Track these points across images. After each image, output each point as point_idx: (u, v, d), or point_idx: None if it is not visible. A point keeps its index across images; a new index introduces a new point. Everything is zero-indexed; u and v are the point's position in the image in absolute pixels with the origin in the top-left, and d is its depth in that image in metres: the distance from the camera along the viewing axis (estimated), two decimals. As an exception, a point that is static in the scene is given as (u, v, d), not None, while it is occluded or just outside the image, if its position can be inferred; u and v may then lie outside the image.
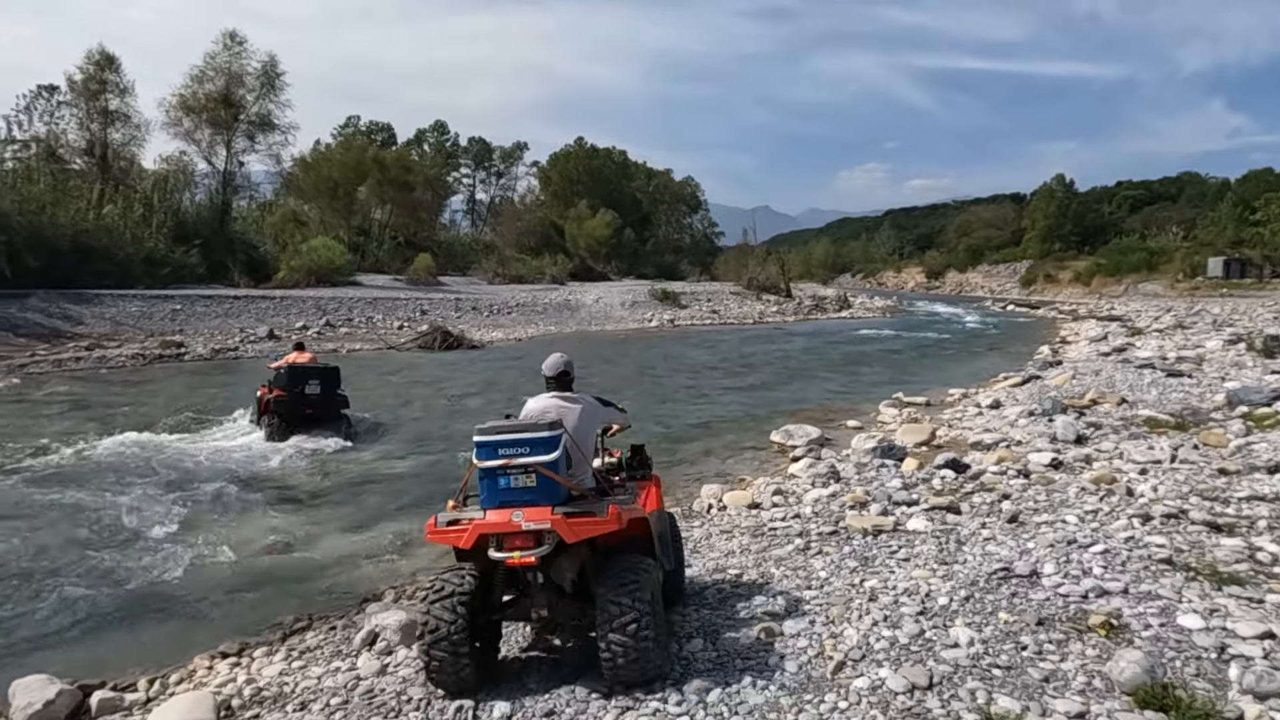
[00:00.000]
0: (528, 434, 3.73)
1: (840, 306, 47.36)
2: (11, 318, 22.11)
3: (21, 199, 27.21)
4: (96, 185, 31.86)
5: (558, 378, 4.40)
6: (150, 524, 7.09)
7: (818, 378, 17.67)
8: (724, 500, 7.18)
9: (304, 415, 10.90)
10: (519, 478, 3.69)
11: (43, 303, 23.33)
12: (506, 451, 3.69)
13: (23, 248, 24.45)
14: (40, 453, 9.91)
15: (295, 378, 10.95)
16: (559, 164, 74.90)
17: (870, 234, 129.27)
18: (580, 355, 21.25)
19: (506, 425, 3.85)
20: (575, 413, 4.20)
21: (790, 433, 10.22)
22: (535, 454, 3.68)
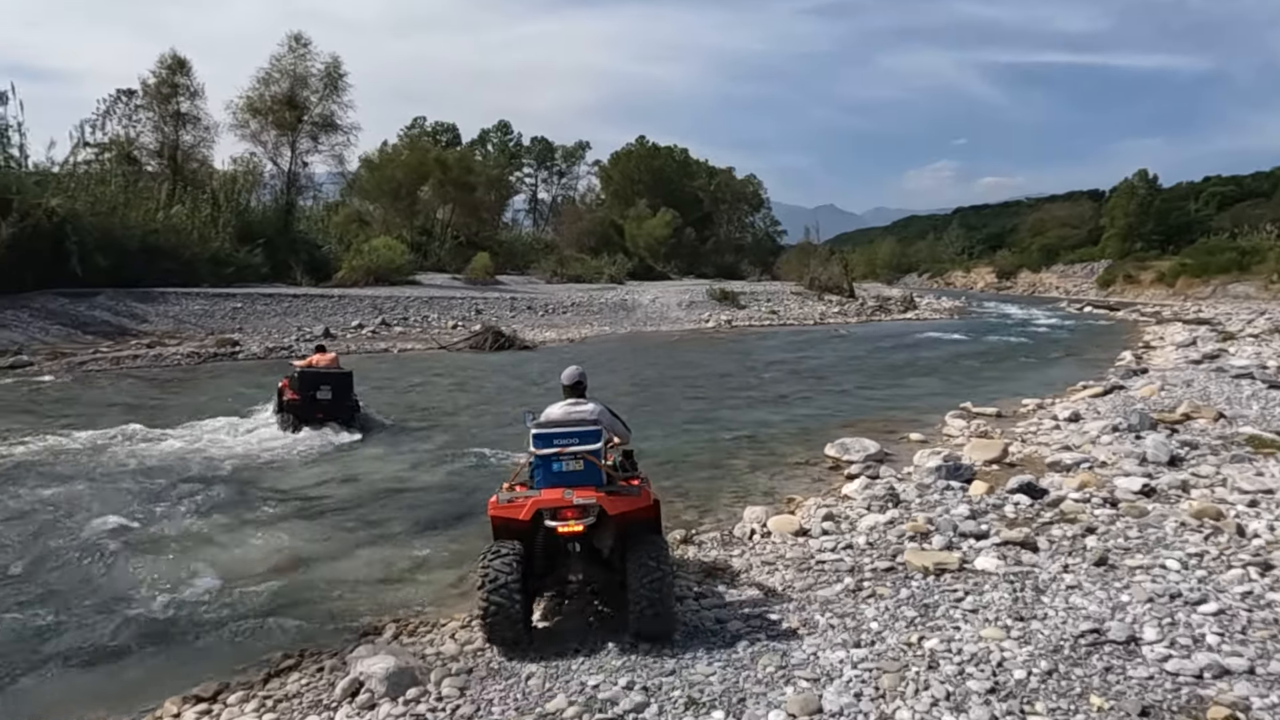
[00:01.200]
0: (577, 426, 4.59)
1: (905, 307, 45.78)
2: (81, 315, 22.68)
3: (94, 200, 27.96)
4: (165, 186, 32.59)
5: (573, 386, 5.16)
6: (140, 533, 6.77)
7: (879, 384, 16.74)
8: (768, 525, 6.52)
9: (315, 418, 11.03)
10: (569, 463, 4.48)
11: (110, 301, 23.88)
12: (560, 441, 4.50)
13: (94, 248, 25.05)
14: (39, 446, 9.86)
15: (307, 383, 11.04)
16: (620, 163, 74.81)
17: (938, 233, 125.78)
18: (630, 357, 20.82)
19: (560, 420, 4.74)
20: (594, 414, 4.87)
21: (846, 447, 9.47)
22: (584, 443, 4.50)
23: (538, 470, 4.56)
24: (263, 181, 40.00)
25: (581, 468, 4.47)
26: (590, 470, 4.47)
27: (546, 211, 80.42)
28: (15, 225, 22.57)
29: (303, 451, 10.27)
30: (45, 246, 23.68)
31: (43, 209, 23.77)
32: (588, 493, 4.36)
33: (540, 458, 4.51)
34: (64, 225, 24.32)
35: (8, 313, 21.30)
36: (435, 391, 15.37)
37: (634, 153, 74.99)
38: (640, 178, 71.56)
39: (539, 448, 4.50)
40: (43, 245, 23.60)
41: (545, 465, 4.50)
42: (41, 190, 25.62)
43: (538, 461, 4.54)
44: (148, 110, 36.96)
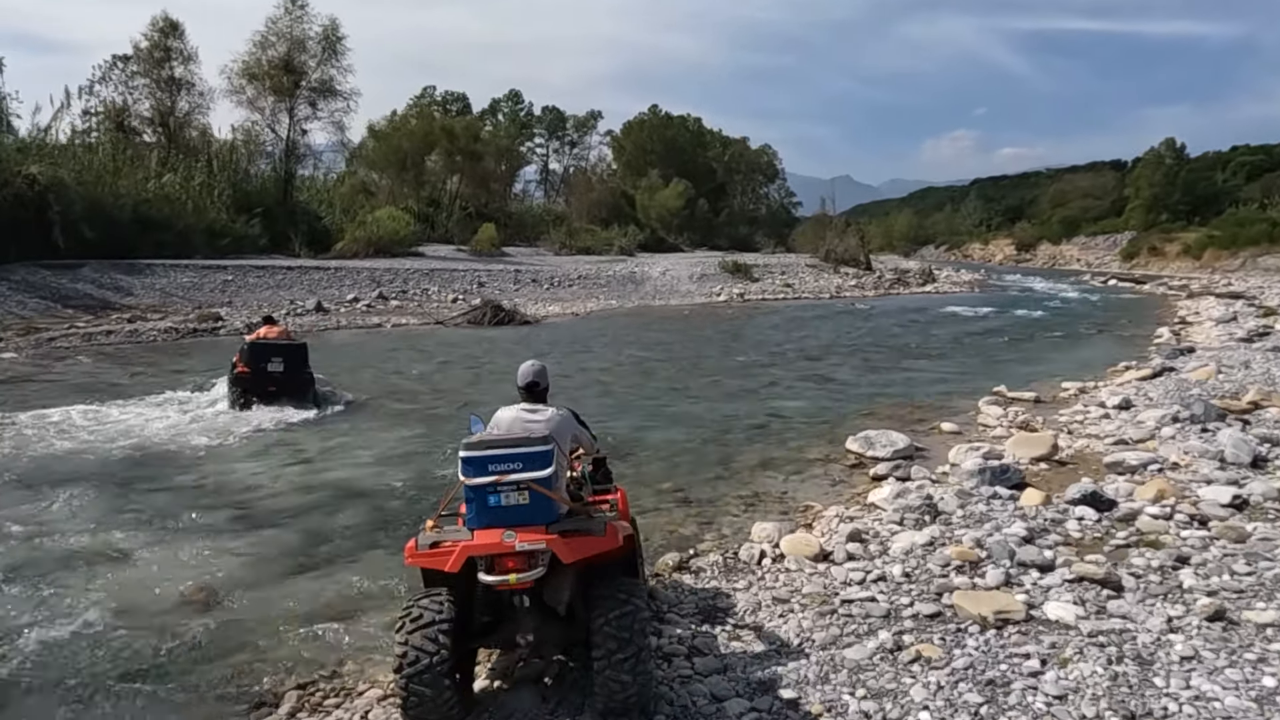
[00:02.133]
0: (521, 448, 3.44)
1: (924, 280, 44.35)
2: (62, 289, 21.71)
3: (81, 168, 26.89)
4: (154, 154, 31.49)
5: (528, 388, 4.08)
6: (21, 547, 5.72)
7: (902, 363, 15.52)
8: (781, 546, 5.38)
9: (267, 392, 10.48)
10: (510, 495, 3.40)
11: (94, 273, 22.89)
12: (497, 467, 3.39)
13: (80, 218, 24.02)
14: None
15: (257, 354, 10.49)
16: (632, 133, 73.40)
17: (956, 205, 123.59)
18: (634, 333, 19.57)
19: (497, 439, 3.56)
20: (550, 424, 3.84)
21: (870, 440, 8.30)
22: (529, 469, 3.40)
23: (471, 504, 3.45)
24: (262, 150, 38.78)
25: (526, 500, 3.38)
26: (539, 503, 3.40)
27: (558, 182, 79.09)
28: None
29: (247, 436, 9.31)
30: (28, 217, 22.69)
31: (22, 177, 22.73)
32: (534, 534, 3.34)
33: (472, 488, 3.41)
34: (46, 194, 23.30)
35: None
36: (419, 371, 14.26)
37: (646, 122, 73.65)
38: (653, 148, 70.25)
39: (470, 475, 3.39)
40: (25, 215, 22.61)
41: (480, 497, 3.41)
42: (23, 158, 24.59)
43: (470, 493, 3.43)
44: (143, 76, 35.79)
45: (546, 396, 4.10)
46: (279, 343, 10.89)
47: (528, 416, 3.89)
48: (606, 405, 11.26)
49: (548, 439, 3.52)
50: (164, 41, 34.17)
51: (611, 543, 3.46)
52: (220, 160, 34.17)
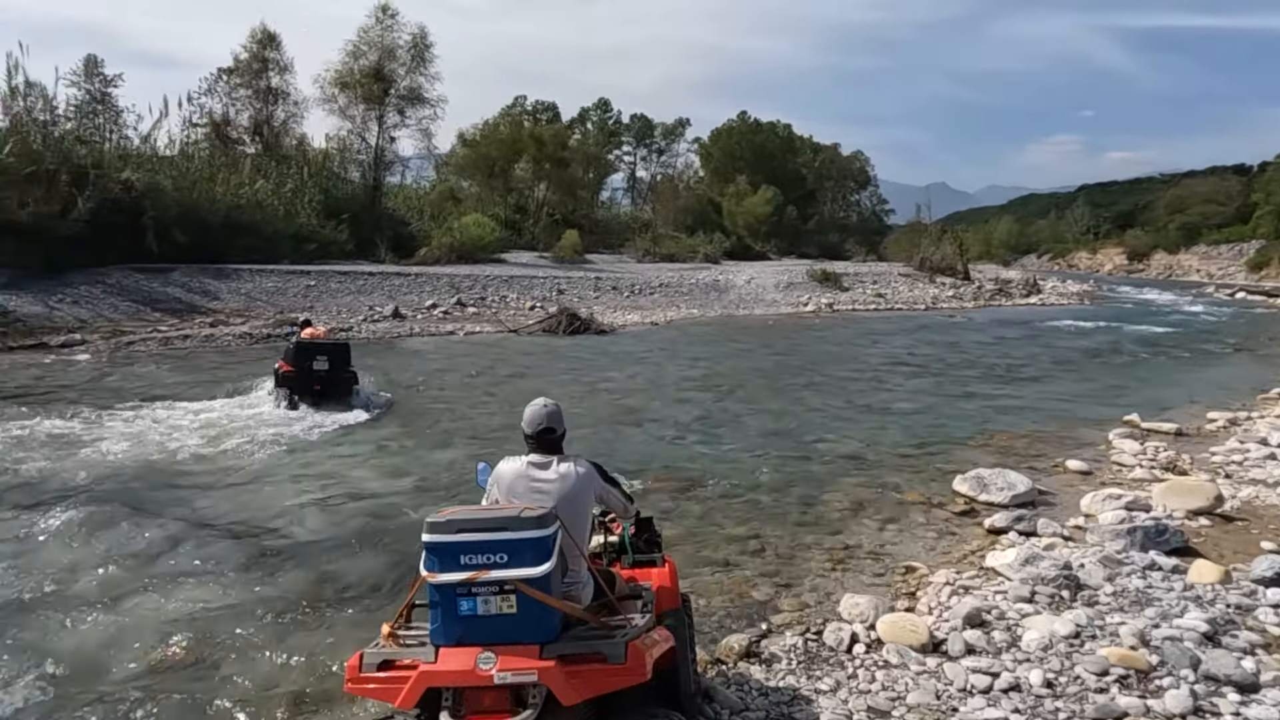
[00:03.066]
0: (506, 533, 2.43)
1: (1028, 291, 41.67)
2: (153, 292, 22.10)
3: (177, 174, 27.64)
4: (248, 161, 32.23)
5: (538, 436, 3.05)
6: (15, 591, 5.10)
7: (1010, 384, 13.95)
8: (878, 629, 4.27)
9: (312, 390, 10.57)
10: (490, 600, 2.42)
11: (184, 277, 23.27)
12: (473, 559, 2.41)
13: (173, 224, 24.57)
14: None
15: (302, 353, 10.67)
16: (720, 139, 72.69)
17: (1060, 211, 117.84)
18: (715, 344, 18.43)
19: (474, 517, 2.50)
20: (566, 485, 2.91)
21: (983, 481, 7.03)
22: (517, 562, 2.41)
23: (436, 609, 2.49)
24: (353, 157, 39.45)
25: (514, 609, 2.42)
26: (531, 613, 2.44)
27: (644, 189, 78.83)
28: (93, 199, 22.16)
29: (280, 447, 8.78)
30: (124, 222, 23.29)
31: (119, 183, 23.36)
32: (523, 660, 2.38)
33: (438, 587, 2.46)
34: (143, 200, 23.92)
35: (81, 288, 20.84)
36: (477, 381, 13.56)
37: (735, 129, 72.86)
38: (741, 154, 69.31)
39: (433, 568, 2.45)
40: (121, 220, 23.22)
41: (448, 601, 2.45)
42: (123, 165, 25.34)
43: (434, 594, 2.48)
44: (244, 87, 36.87)
45: (562, 445, 3.12)
46: (324, 342, 11.17)
47: (537, 474, 2.94)
48: (677, 425, 10.26)
49: (546, 519, 2.50)
50: (262, 52, 35.12)
51: (635, 675, 2.47)
52: (312, 167, 34.79)
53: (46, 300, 19.52)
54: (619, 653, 2.44)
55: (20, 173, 21.92)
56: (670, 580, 3.37)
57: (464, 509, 2.59)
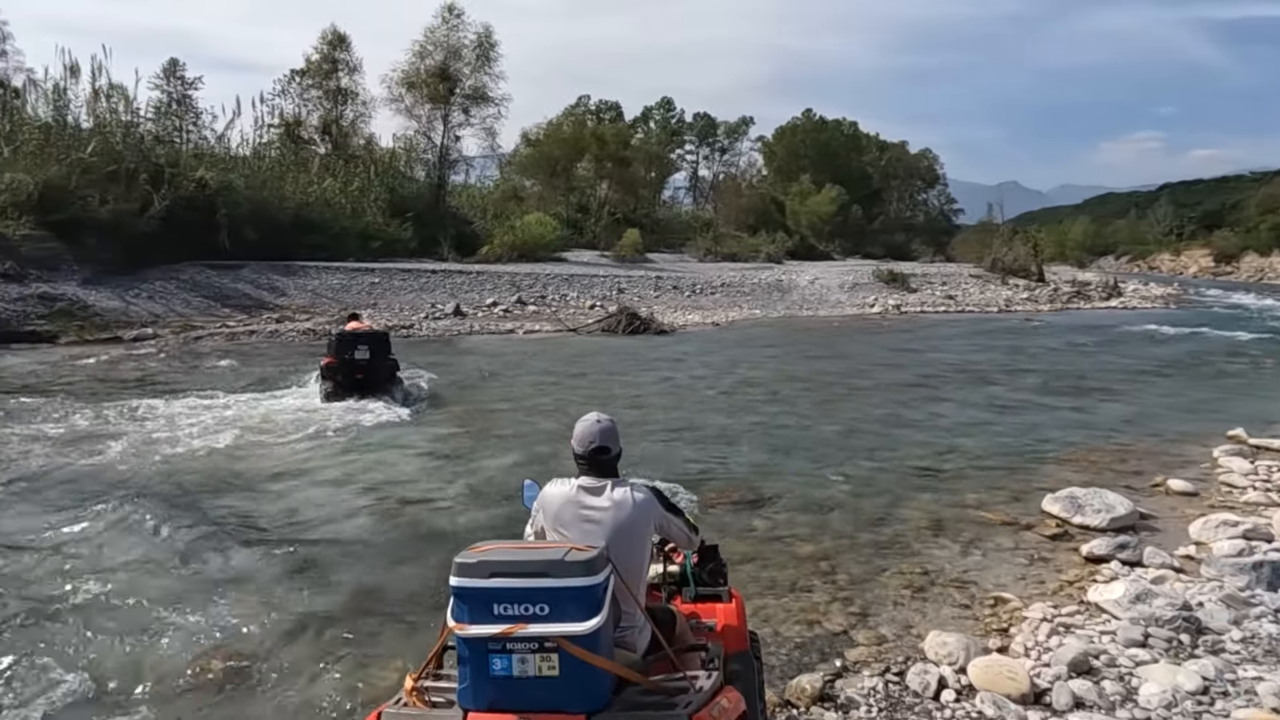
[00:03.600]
0: (548, 579, 2.01)
1: (1108, 294, 39.82)
2: (224, 288, 22.62)
3: (250, 173, 28.29)
4: (316, 160, 32.84)
5: (591, 456, 2.64)
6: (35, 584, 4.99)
7: (1095, 393, 13.10)
8: (970, 674, 3.80)
9: (354, 380, 10.90)
10: (529, 659, 2.00)
11: (253, 274, 23.77)
12: (509, 609, 2.00)
13: (244, 222, 25.12)
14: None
15: (344, 343, 11.02)
16: (785, 138, 71.87)
17: (1140, 211, 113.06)
18: (778, 347, 17.83)
19: (509, 559, 2.08)
20: (621, 514, 2.53)
21: (1077, 501, 6.43)
22: (559, 615, 1.99)
23: (465, 665, 2.09)
24: (418, 156, 39.96)
25: (555, 671, 2.02)
26: (576, 676, 2.03)
27: (706, 189, 78.33)
28: (169, 197, 22.76)
29: (330, 440, 8.91)
30: (198, 219, 23.89)
31: (194, 181, 23.96)
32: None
33: (469, 644, 2.07)
34: (216, 198, 24.51)
35: (156, 284, 21.43)
36: (539, 381, 13.32)
37: (800, 127, 71.99)
38: (805, 153, 68.43)
39: (463, 619, 2.06)
40: (195, 218, 23.82)
41: (478, 657, 2.06)
42: (197, 164, 26.02)
43: (463, 647, 2.08)
44: (315, 88, 37.67)
45: (617, 467, 2.71)
46: (364, 332, 11.45)
47: (588, 500, 2.56)
48: (739, 432, 9.82)
49: (595, 564, 2.08)
50: (332, 54, 35.79)
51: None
52: (379, 166, 35.29)
53: (123, 295, 20.08)
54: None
55: (102, 171, 22.65)
56: (737, 618, 3.00)
57: (500, 546, 2.19)
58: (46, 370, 13.16)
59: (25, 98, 27.86)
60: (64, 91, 26.42)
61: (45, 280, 19.05)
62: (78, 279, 19.82)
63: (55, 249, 20.39)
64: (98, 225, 21.44)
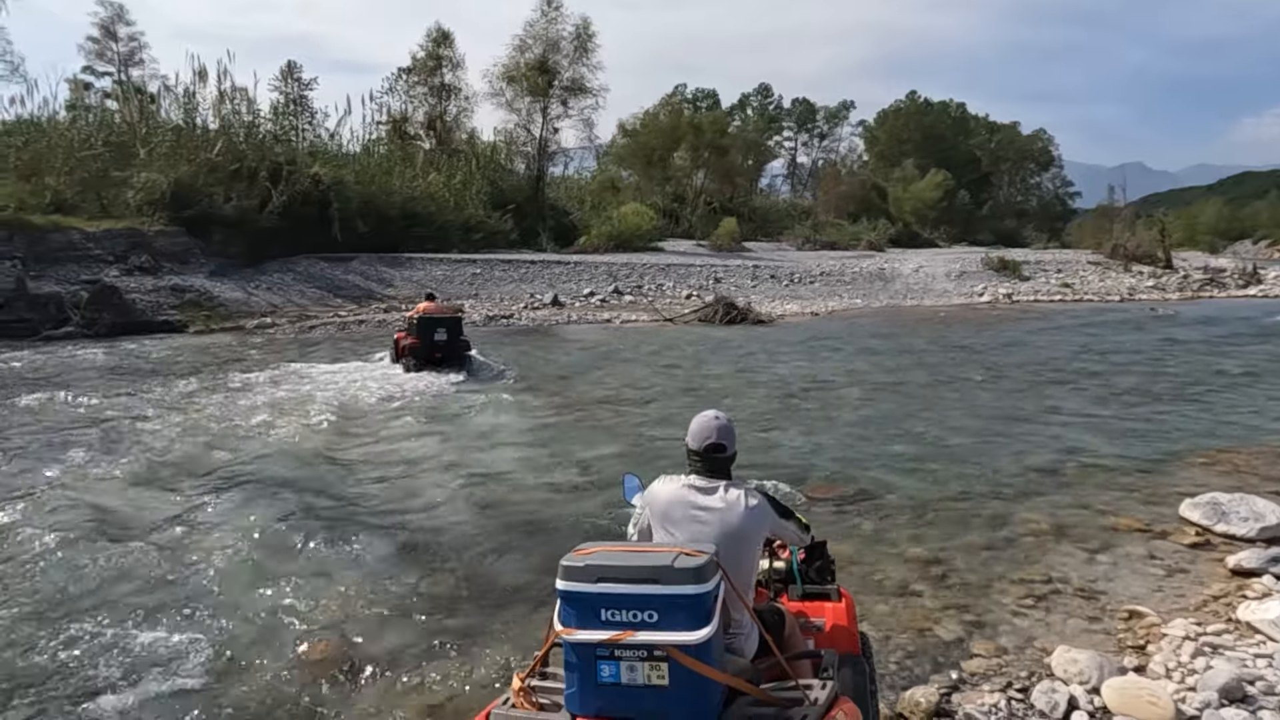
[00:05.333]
0: (658, 585, 1.94)
1: (1245, 281, 36.85)
2: (336, 279, 23.64)
3: (359, 169, 29.40)
4: (421, 155, 33.80)
5: (705, 453, 2.57)
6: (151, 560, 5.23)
7: (1234, 389, 12.07)
8: (1105, 695, 3.49)
9: (433, 358, 12.18)
10: (638, 667, 1.94)
11: (363, 266, 24.74)
12: (617, 615, 1.95)
13: (355, 215, 26.16)
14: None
15: (426, 326, 12.26)
16: (887, 122, 70.05)
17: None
18: (881, 338, 17.34)
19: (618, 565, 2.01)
20: (732, 517, 2.46)
21: (1221, 508, 5.89)
22: (669, 623, 1.92)
23: (572, 672, 2.05)
24: (517, 149, 40.65)
25: (665, 681, 1.95)
26: (686, 686, 1.95)
27: (805, 176, 76.87)
28: (286, 193, 23.90)
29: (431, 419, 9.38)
30: (313, 213, 25.02)
31: (309, 177, 25.06)
32: None
33: (576, 649, 2.02)
34: (329, 193, 25.59)
35: (274, 276, 22.58)
36: (636, 372, 13.29)
37: (903, 110, 70.04)
38: (909, 137, 66.48)
39: (569, 621, 2.02)
40: (310, 212, 24.95)
41: (586, 663, 2.01)
42: (312, 160, 27.21)
43: (570, 653, 2.04)
44: (421, 85, 38.81)
45: (730, 468, 2.63)
46: (443, 316, 12.61)
47: (699, 500, 2.47)
48: (841, 426, 9.52)
49: (705, 571, 1.99)
50: (436, 51, 36.74)
51: None
52: (480, 159, 36.07)
53: (245, 287, 21.24)
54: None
55: (227, 170, 23.98)
56: (847, 618, 2.94)
57: (606, 548, 2.13)
58: (173, 354, 14.20)
59: (160, 102, 29.79)
60: (193, 95, 28.05)
61: (176, 273, 20.35)
62: (205, 272, 21.08)
63: (185, 244, 21.76)
64: (223, 221, 22.76)
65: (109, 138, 24.51)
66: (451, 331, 12.38)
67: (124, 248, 20.10)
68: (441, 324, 12.33)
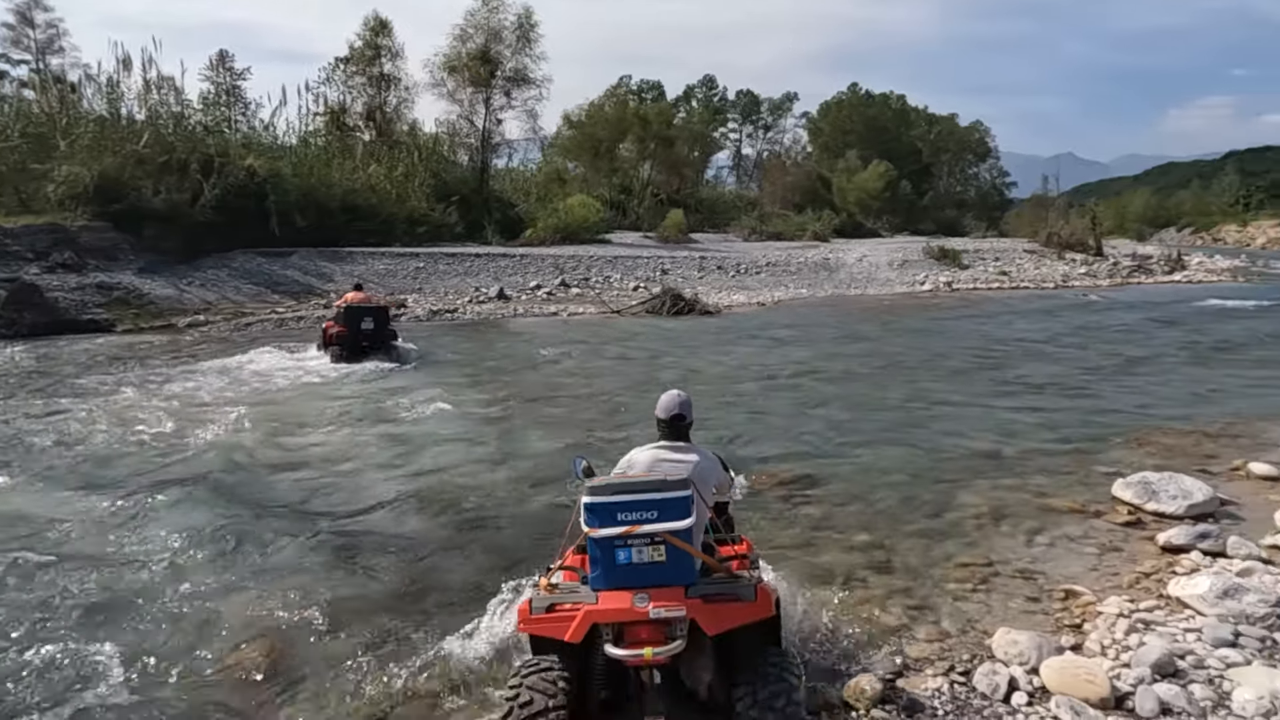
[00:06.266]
0: (656, 493, 2.99)
1: (1171, 267, 38.27)
2: (274, 275, 22.95)
3: (297, 160, 28.60)
4: (360, 146, 33.08)
5: (671, 422, 3.52)
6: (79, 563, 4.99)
7: (1162, 370, 12.52)
8: (1044, 675, 3.54)
9: (359, 347, 12.45)
10: (644, 550, 2.97)
11: (302, 260, 24.06)
12: (628, 516, 2.97)
13: (293, 209, 25.41)
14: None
15: (352, 315, 12.54)
16: (830, 113, 70.76)
17: (1204, 181, 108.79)
18: (826, 327, 17.43)
19: (626, 482, 3.08)
20: (693, 468, 3.33)
21: (1151, 487, 6.06)
22: (666, 519, 2.95)
23: (596, 561, 2.99)
24: (462, 141, 40.03)
25: (663, 558, 2.94)
26: (677, 561, 2.96)
27: (750, 167, 77.39)
28: (219, 186, 23.12)
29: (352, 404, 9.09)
30: (248, 207, 24.24)
31: (243, 169, 24.27)
32: (672, 600, 2.91)
33: (598, 541, 2.96)
34: (265, 185, 24.83)
35: (209, 272, 21.83)
36: (581, 366, 13.20)
37: (845, 102, 70.78)
38: (852, 128, 67.28)
39: (594, 524, 2.95)
40: (246, 205, 24.16)
41: (606, 552, 2.96)
42: (246, 152, 26.37)
43: (594, 548, 2.99)
44: (359, 75, 37.88)
45: (689, 434, 3.58)
46: (369, 306, 12.93)
47: (669, 456, 3.39)
48: (787, 415, 9.57)
49: (686, 482, 3.02)
50: (375, 40, 35.88)
51: (764, 610, 3.01)
52: (423, 151, 35.43)
53: (178, 284, 20.49)
54: (750, 593, 2.98)
55: (155, 162, 23.08)
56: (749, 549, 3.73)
57: (616, 477, 3.15)
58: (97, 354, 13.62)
59: (81, 92, 28.54)
60: (117, 85, 26.94)
61: (104, 270, 19.50)
62: (134, 268, 20.27)
63: (113, 239, 20.87)
64: (154, 215, 21.87)
65: (26, 129, 23.40)
66: (378, 321, 12.76)
67: (45, 244, 19.21)
68: (368, 313, 12.67)
